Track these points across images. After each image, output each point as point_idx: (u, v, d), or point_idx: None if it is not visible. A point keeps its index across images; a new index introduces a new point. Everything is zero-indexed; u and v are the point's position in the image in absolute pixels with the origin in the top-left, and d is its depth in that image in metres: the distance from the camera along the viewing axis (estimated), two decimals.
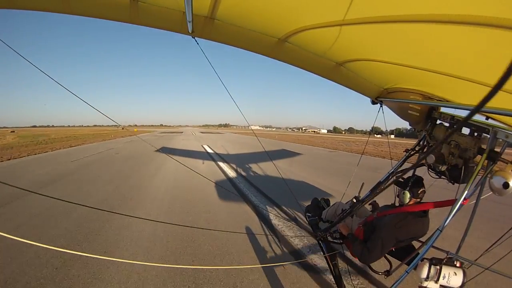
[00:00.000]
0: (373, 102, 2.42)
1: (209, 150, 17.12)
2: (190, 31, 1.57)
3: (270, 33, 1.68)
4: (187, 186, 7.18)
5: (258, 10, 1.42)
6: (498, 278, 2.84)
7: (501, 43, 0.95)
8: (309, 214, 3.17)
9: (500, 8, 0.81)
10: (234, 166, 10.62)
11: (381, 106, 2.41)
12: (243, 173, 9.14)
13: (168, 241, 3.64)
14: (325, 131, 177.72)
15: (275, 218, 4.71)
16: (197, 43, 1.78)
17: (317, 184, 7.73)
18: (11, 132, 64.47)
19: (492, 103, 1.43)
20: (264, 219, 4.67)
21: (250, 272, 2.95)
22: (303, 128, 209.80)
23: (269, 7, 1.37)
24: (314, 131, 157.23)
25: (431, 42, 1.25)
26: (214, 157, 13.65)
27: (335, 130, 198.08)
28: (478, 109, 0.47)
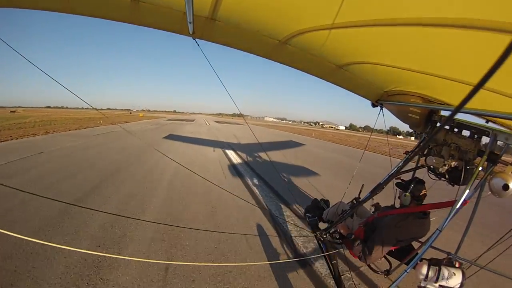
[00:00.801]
0: (373, 105, 2.43)
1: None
2: (190, 32, 1.56)
3: (271, 35, 1.68)
4: None
5: (259, 11, 1.42)
6: None
7: (499, 46, 0.96)
8: (309, 215, 3.18)
9: (498, 11, 0.81)
10: None
11: (381, 109, 2.42)
12: None
13: None
14: (343, 127, 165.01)
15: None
16: (198, 45, 1.78)
17: None
18: (10, 112, 56.62)
19: (492, 107, 1.45)
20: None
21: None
22: (321, 123, 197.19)
23: (270, 8, 1.37)
24: (332, 127, 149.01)
25: (431, 46, 1.25)
26: None
27: (352, 127, 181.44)
28: (459, 109, 0.51)
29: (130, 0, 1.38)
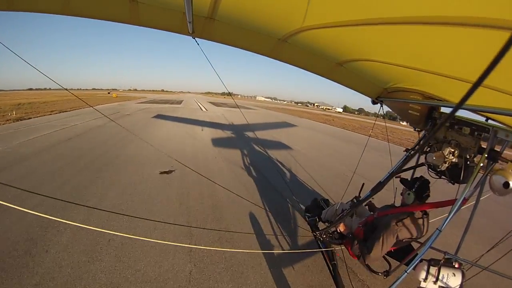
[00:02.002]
0: (374, 102, 2.42)
1: None
2: (190, 32, 1.58)
3: (270, 34, 1.69)
4: None
5: (258, 10, 1.43)
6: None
7: (497, 43, 0.95)
8: (308, 214, 3.18)
9: (495, 8, 0.80)
10: None
11: (382, 106, 2.41)
12: None
13: None
14: (341, 109, 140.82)
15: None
16: (198, 44, 1.79)
17: None
18: None
19: (492, 104, 1.43)
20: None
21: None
22: (316, 105, 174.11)
23: (269, 7, 1.38)
24: (329, 109, 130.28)
25: (430, 44, 1.25)
26: None
27: (346, 110, 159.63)
28: (460, 105, 0.51)
29: (129, 1, 1.40)
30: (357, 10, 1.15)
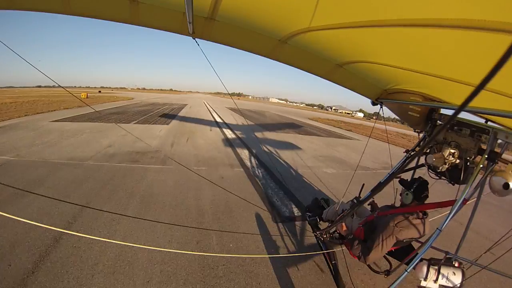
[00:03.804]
0: (373, 103, 2.42)
1: None
2: (190, 32, 1.58)
3: (271, 35, 1.69)
4: None
5: (258, 11, 1.42)
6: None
7: (497, 46, 0.95)
8: (309, 214, 3.18)
9: (497, 11, 0.81)
10: None
11: (381, 107, 2.42)
12: None
13: None
14: (361, 115, 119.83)
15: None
16: (198, 44, 1.79)
17: None
18: None
19: (492, 106, 1.44)
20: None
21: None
22: (334, 108, 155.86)
23: (269, 8, 1.37)
24: (349, 113, 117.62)
25: (431, 46, 1.25)
26: None
27: (364, 115, 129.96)
28: (462, 108, 0.51)
29: (129, 1, 1.39)
30: (357, 12, 1.15)
